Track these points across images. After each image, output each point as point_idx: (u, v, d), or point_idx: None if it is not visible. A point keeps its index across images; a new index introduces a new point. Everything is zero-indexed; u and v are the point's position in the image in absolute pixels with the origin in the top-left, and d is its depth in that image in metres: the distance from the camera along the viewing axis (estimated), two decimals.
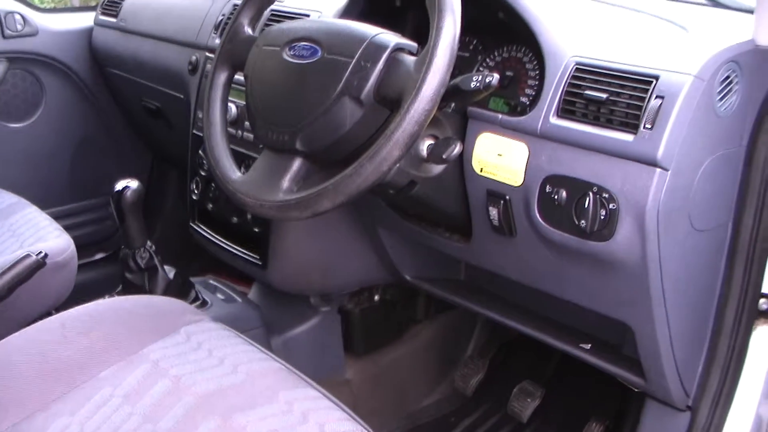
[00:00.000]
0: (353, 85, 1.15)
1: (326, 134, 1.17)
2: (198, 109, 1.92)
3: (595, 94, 1.21)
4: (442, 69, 1.07)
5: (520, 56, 1.39)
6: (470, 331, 2.16)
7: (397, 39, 1.18)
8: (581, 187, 1.21)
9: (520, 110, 1.34)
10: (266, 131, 1.23)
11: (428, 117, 1.07)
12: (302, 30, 1.25)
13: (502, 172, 1.30)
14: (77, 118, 2.56)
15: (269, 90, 1.26)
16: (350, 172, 1.09)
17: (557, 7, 1.43)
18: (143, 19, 2.33)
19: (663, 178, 1.15)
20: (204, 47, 2.00)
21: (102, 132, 2.63)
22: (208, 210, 1.86)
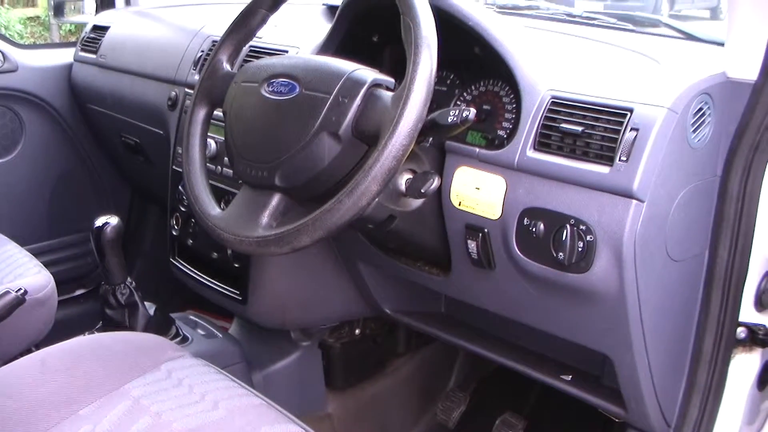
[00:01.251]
0: (331, 120, 1.15)
1: (305, 170, 1.17)
2: (177, 144, 1.92)
3: (570, 127, 1.22)
4: (419, 104, 1.08)
5: (496, 90, 1.41)
6: (451, 363, 2.16)
7: (374, 75, 1.19)
8: (559, 220, 1.22)
9: (498, 144, 1.35)
10: (245, 167, 1.24)
11: (406, 152, 1.08)
12: (280, 66, 1.26)
13: (480, 205, 1.31)
14: (57, 154, 2.56)
15: (248, 126, 1.26)
16: (329, 207, 1.09)
17: (532, 42, 1.45)
18: (123, 55, 2.34)
19: (639, 209, 1.16)
20: (183, 83, 2.00)
21: (82, 168, 2.62)
22: (188, 245, 1.85)
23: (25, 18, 6.96)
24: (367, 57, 1.35)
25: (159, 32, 2.29)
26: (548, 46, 1.52)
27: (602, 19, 1.76)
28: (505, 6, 1.96)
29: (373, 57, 1.46)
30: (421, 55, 1.10)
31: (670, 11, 10.09)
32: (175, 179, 1.90)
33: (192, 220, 1.82)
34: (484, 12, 1.41)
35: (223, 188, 1.69)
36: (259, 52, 1.72)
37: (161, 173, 2.03)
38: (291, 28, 1.84)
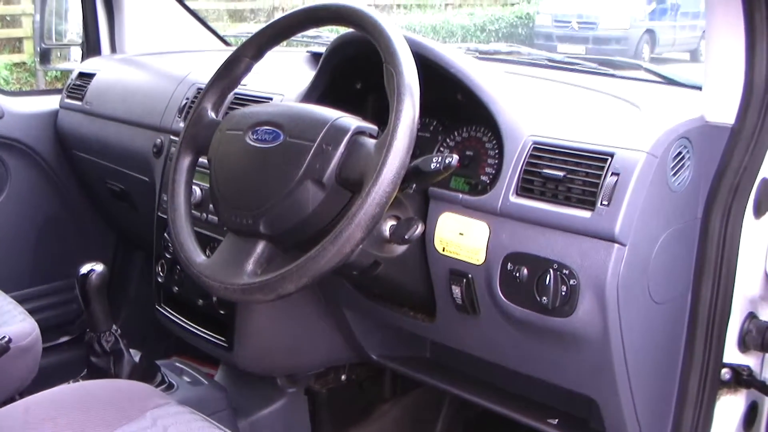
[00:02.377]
0: (315, 168, 1.17)
1: (289, 217, 1.18)
2: (163, 191, 1.93)
3: (552, 172, 1.24)
4: (402, 151, 1.10)
5: (479, 136, 1.43)
6: (438, 408, 2.15)
7: (357, 122, 1.21)
8: (542, 264, 1.23)
9: (481, 189, 1.36)
10: (230, 214, 1.24)
11: (389, 198, 1.09)
12: (264, 114, 1.28)
13: (464, 251, 1.32)
14: (42, 201, 2.55)
15: (232, 174, 1.28)
16: (313, 254, 1.10)
17: (514, 88, 1.48)
18: (108, 102, 2.35)
19: (621, 253, 1.17)
20: (168, 130, 2.01)
21: (67, 214, 2.61)
22: (174, 292, 1.85)
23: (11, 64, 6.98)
24: (351, 104, 1.37)
25: (144, 79, 2.30)
26: (530, 92, 1.54)
27: (583, 64, 1.79)
28: (486, 52, 1.99)
29: (356, 104, 1.49)
30: (404, 102, 1.12)
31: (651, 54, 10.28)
32: (160, 226, 1.91)
33: (177, 267, 1.82)
34: (466, 59, 1.44)
35: (208, 235, 1.70)
36: (243, 99, 1.74)
37: (147, 220, 2.04)
38: (275, 75, 1.86)
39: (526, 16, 11.56)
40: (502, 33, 11.20)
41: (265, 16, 10.32)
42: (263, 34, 1.38)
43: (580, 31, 10.44)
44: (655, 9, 10.66)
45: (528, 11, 11.69)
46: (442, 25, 10.75)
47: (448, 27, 10.77)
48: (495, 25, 11.18)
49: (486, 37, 10.90)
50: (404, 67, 1.15)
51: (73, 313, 2.59)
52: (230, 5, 10.58)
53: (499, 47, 2.04)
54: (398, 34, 1.20)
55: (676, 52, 10.76)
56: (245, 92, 1.75)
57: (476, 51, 1.95)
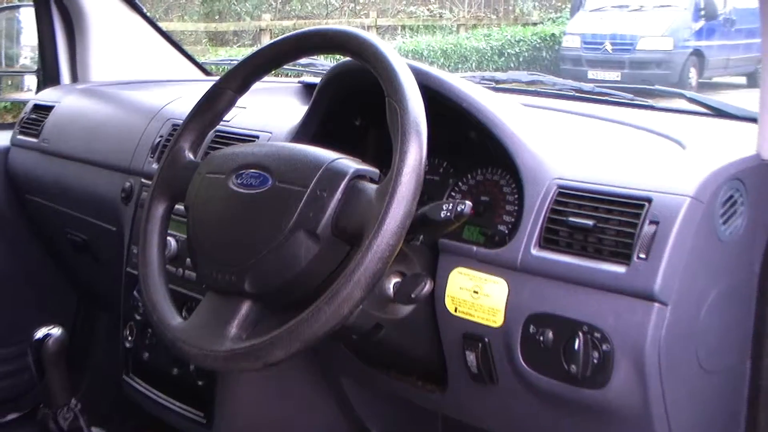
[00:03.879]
0: (308, 217, 1.19)
1: (278, 274, 1.20)
2: (132, 243, 1.95)
3: (580, 220, 1.25)
4: (408, 198, 1.11)
5: (496, 179, 1.45)
6: None
7: (356, 165, 1.23)
8: (569, 327, 1.24)
9: (498, 241, 1.38)
10: (210, 270, 1.26)
11: (393, 252, 1.11)
12: (250, 155, 1.30)
13: (480, 311, 1.33)
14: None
15: (213, 223, 1.30)
16: (307, 316, 1.11)
17: (535, 123, 1.50)
18: (69, 139, 2.37)
19: (662, 314, 1.18)
20: (139, 173, 2.04)
21: (19, 269, 2.62)
22: (144, 360, 1.85)
23: None
24: (349, 144, 1.40)
25: (112, 113, 2.33)
26: (554, 128, 1.57)
27: (616, 95, 1.82)
28: (504, 81, 2.02)
29: (355, 144, 1.51)
30: (409, 142, 1.14)
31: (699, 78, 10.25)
32: (129, 283, 1.92)
33: (149, 331, 1.83)
34: (480, 91, 1.46)
35: (185, 294, 1.71)
36: (226, 138, 1.77)
37: (113, 276, 2.05)
38: (262, 110, 1.88)
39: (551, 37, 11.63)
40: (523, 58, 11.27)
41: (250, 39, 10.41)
42: (249, 64, 1.41)
43: (614, 54, 10.45)
44: (703, 27, 10.58)
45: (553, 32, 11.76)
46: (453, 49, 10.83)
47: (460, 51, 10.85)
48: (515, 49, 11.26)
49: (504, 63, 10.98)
50: (409, 101, 1.18)
51: (24, 385, 2.59)
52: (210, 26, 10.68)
53: (520, 75, 2.07)
54: (402, 64, 1.23)
55: (730, 76, 10.71)
56: (228, 130, 1.79)
57: (492, 80, 1.98)
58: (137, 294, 1.87)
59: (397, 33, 11.96)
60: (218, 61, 4.38)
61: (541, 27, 12.17)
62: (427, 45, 10.71)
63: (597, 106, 1.77)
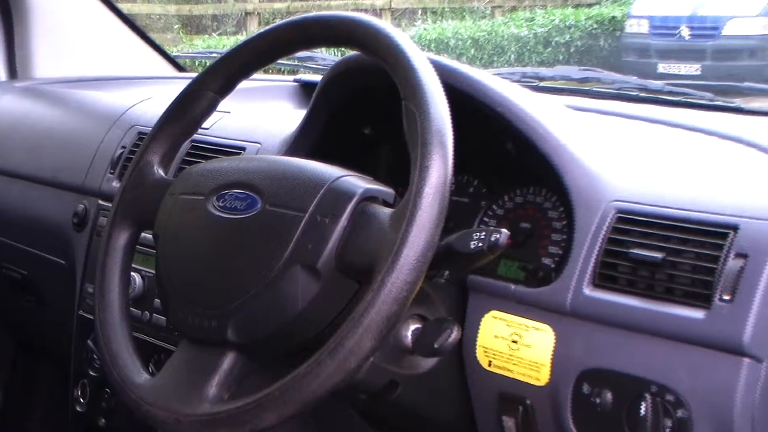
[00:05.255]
0: (306, 249, 1.20)
1: (269, 318, 1.21)
2: (87, 281, 1.96)
3: (646, 253, 1.26)
4: (429, 225, 1.12)
5: (539, 201, 1.46)
6: None
7: (366, 184, 1.24)
8: (634, 387, 1.24)
9: (542, 278, 1.39)
10: (185, 314, 1.27)
11: (412, 292, 1.11)
12: (235, 172, 1.32)
13: (520, 366, 1.34)
14: None
15: (189, 256, 1.32)
16: (304, 371, 1.11)
17: (589, 132, 1.51)
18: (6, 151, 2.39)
19: (755, 371, 1.17)
20: (96, 193, 2.06)
21: None
22: (100, 427, 1.86)
23: None
24: (356, 158, 1.41)
25: (60, 118, 2.35)
26: (612, 137, 1.58)
27: (693, 94, 1.82)
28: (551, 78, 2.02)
29: (364, 158, 1.52)
30: (432, 155, 1.15)
31: None
32: (81, 330, 1.93)
33: (106, 391, 1.84)
34: (519, 92, 1.48)
35: (152, 344, 1.73)
36: (204, 150, 1.79)
37: (61, 321, 2.06)
38: (249, 115, 1.91)
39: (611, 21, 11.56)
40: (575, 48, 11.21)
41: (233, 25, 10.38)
42: (233, 58, 1.43)
43: (692, 41, 10.14)
44: None
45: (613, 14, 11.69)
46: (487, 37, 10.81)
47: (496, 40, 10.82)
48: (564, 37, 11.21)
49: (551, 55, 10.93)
50: (431, 105, 1.18)
51: None
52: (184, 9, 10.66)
53: (570, 71, 2.08)
54: (422, 59, 1.23)
55: None
56: (207, 140, 1.81)
57: (535, 78, 1.98)
58: (92, 344, 1.89)
59: (417, 18, 11.98)
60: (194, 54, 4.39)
61: (598, 9, 12.09)
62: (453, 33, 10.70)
63: (668, 109, 1.76)
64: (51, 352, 2.49)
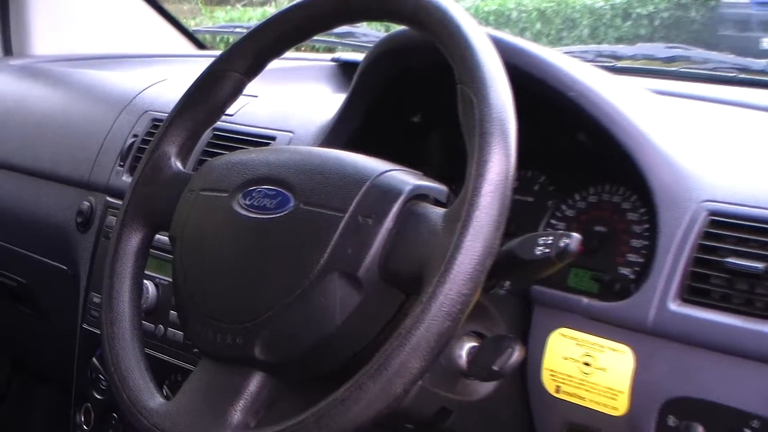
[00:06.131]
0: (346, 254, 1.20)
1: (303, 334, 1.21)
2: (92, 290, 1.98)
3: (744, 262, 1.26)
4: (488, 228, 1.12)
5: (616, 201, 1.47)
6: None
7: (415, 180, 1.24)
8: (730, 420, 1.24)
9: (620, 290, 1.40)
10: (205, 329, 1.28)
11: (467, 305, 1.11)
12: (263, 165, 1.33)
13: (593, 393, 1.34)
14: None
15: (210, 261, 1.32)
16: (343, 395, 1.11)
17: (676, 121, 1.51)
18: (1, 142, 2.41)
19: None
20: (103, 189, 2.08)
21: None
22: None
23: None
24: (403, 151, 1.42)
25: (63, 103, 2.38)
26: (704, 127, 1.57)
27: None
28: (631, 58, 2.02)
29: (412, 150, 1.53)
30: (491, 147, 1.14)
31: None
32: (86, 346, 1.95)
33: (114, 416, 1.85)
34: (594, 73, 1.48)
35: (167, 362, 1.75)
36: (228, 140, 1.81)
37: (62, 336, 2.08)
38: (280, 100, 1.93)
39: None
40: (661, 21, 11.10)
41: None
42: (261, 34, 1.43)
43: None
44: None
45: None
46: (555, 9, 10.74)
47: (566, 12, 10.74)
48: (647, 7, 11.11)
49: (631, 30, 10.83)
50: (491, 89, 1.18)
51: None
52: None
53: (654, 49, 2.07)
54: (480, 35, 1.23)
55: None
56: (232, 128, 1.83)
57: (613, 57, 1.98)
58: (97, 362, 1.91)
59: None
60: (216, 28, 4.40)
61: None
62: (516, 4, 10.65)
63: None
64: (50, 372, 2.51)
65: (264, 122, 1.82)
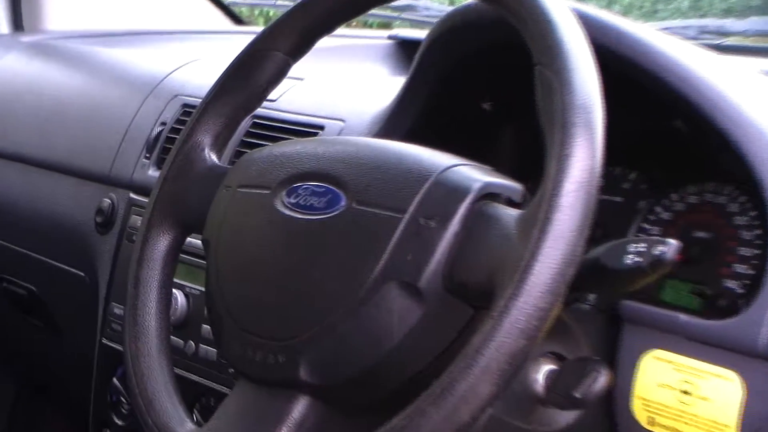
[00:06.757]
0: (405, 261, 1.20)
1: (355, 353, 1.21)
2: (113, 299, 2.00)
3: None
4: (571, 233, 1.10)
5: (721, 202, 1.46)
6: None
7: (485, 177, 1.24)
8: None
9: (725, 306, 1.39)
10: (243, 346, 1.29)
11: (545, 322, 1.10)
12: (311, 158, 1.34)
13: (694, 426, 1.34)
14: None
15: (250, 269, 1.33)
16: (401, 424, 1.11)
17: None
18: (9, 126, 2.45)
19: None
20: (126, 184, 2.10)
21: None
22: None
23: None
24: (471, 143, 1.42)
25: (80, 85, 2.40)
26: None
27: None
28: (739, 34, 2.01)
29: (482, 141, 1.54)
30: (575, 139, 1.13)
31: None
32: (105, 365, 1.97)
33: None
34: (694, 53, 1.47)
35: (199, 383, 1.76)
36: (270, 129, 1.83)
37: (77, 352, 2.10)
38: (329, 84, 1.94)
39: None
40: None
41: None
42: (310, 8, 1.44)
43: None
44: None
45: None
46: None
47: None
48: None
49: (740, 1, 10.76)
50: (575, 71, 1.16)
51: None
52: None
53: None
54: (563, 9, 1.21)
55: None
56: (274, 116, 1.85)
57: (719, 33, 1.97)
58: (119, 383, 1.93)
59: None
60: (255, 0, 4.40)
61: None
62: None
63: None
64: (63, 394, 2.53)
65: (311, 109, 1.83)
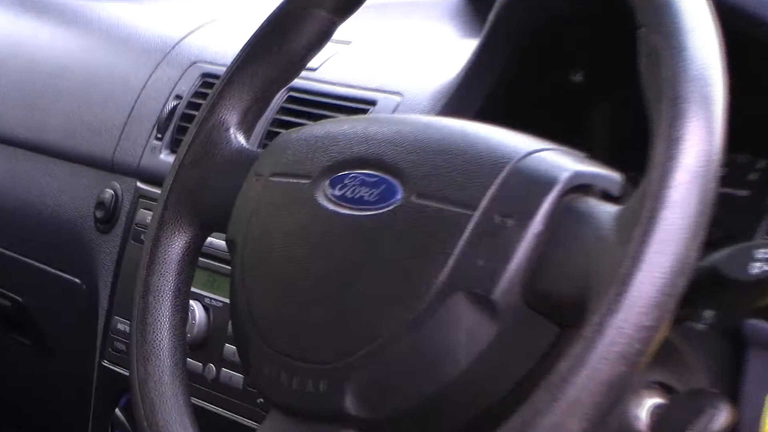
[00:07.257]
0: (476, 268, 1.19)
1: (413, 381, 1.21)
2: (115, 312, 2.01)
3: None
4: (683, 235, 1.10)
5: None
6: None
7: (575, 164, 1.23)
8: None
9: None
10: (275, 371, 1.28)
11: (650, 344, 1.10)
12: (360, 141, 1.33)
13: None
14: None
15: (285, 277, 1.33)
16: None
17: None
18: None
19: None
20: (133, 171, 2.11)
21: None
22: None
23: None
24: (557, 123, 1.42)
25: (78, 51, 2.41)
26: None
27: None
28: None
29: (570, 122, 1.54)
30: (688, 119, 1.12)
31: None
32: (107, 392, 1.98)
33: None
34: None
35: (221, 415, 1.77)
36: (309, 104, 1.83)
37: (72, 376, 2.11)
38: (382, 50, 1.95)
39: None
40: None
41: None
42: None
43: None
44: None
45: None
46: None
47: None
48: None
49: None
50: (688, 35, 1.15)
51: None
52: None
53: None
54: None
55: None
56: (314, 88, 1.85)
57: None
58: (122, 414, 1.94)
59: None
60: None
61: None
62: None
63: None
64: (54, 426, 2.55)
65: (360, 80, 1.83)
